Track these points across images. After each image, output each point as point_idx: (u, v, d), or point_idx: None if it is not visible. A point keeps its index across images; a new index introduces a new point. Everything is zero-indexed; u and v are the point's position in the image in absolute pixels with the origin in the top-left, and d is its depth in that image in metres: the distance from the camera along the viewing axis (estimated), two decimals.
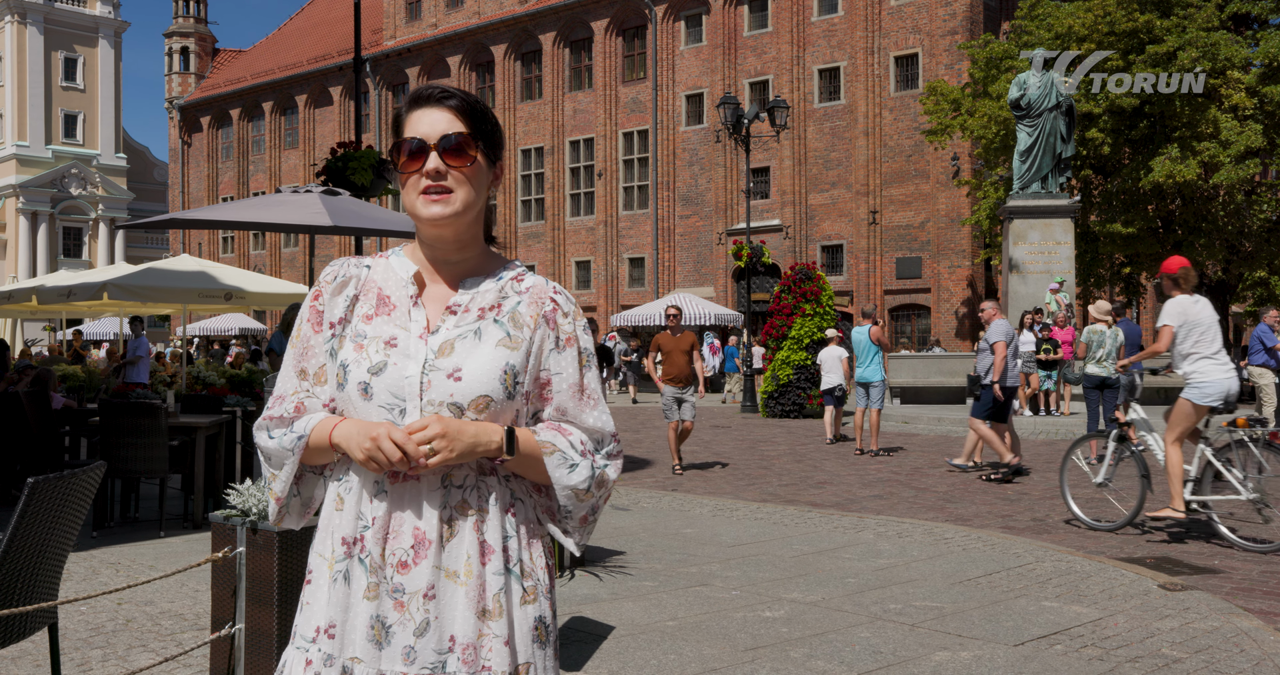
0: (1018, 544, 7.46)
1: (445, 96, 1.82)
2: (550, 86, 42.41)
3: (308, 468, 1.86)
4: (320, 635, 1.76)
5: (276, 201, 8.28)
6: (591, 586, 6.14)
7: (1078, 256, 23.22)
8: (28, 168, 59.29)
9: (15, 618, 3.41)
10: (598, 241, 41.00)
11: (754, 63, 37.52)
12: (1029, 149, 20.30)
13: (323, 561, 1.79)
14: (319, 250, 45.56)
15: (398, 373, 1.75)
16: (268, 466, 1.86)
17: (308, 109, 51.46)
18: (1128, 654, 4.83)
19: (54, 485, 3.43)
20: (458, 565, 1.72)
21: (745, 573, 6.58)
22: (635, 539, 7.70)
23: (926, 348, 31.55)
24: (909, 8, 34.08)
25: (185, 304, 15.44)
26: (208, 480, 8.37)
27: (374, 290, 1.85)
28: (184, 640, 4.97)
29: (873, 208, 34.52)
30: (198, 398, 9.69)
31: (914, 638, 5.10)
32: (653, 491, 10.35)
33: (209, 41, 59.15)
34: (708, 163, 38.35)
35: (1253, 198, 26.19)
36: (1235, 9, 26.83)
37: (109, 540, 7.60)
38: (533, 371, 1.82)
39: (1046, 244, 20.17)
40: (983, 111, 27.05)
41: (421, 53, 46.38)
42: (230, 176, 55.43)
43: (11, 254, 59.30)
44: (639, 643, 4.99)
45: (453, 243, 1.84)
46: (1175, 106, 24.86)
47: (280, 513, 1.88)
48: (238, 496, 4.23)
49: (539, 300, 1.85)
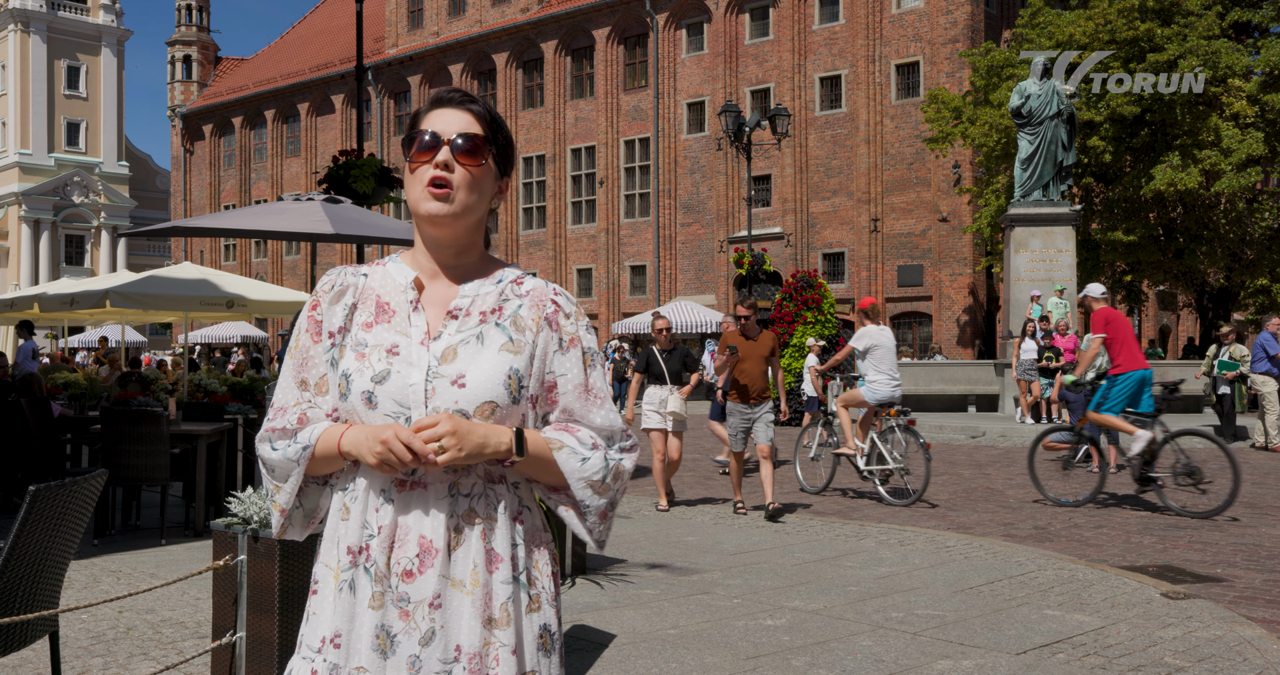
0: (1019, 552, 7.45)
1: (468, 100, 1.83)
2: (552, 94, 42.48)
3: (311, 479, 1.85)
4: (326, 645, 1.75)
5: (278, 209, 8.29)
6: (593, 594, 6.13)
7: (1079, 264, 23.22)
8: (30, 176, 59.40)
9: (16, 626, 3.41)
10: (599, 249, 41.03)
11: (755, 71, 37.59)
12: (1030, 157, 20.31)
13: (328, 571, 1.78)
14: (321, 258, 45.60)
15: (401, 381, 1.74)
16: (270, 478, 1.84)
17: (310, 117, 51.55)
18: (1130, 663, 4.82)
19: (55, 493, 3.43)
20: (464, 574, 1.72)
21: (747, 581, 6.57)
22: (637, 547, 7.69)
23: (928, 355, 31.53)
24: (910, 16, 34.15)
25: (187, 312, 15.42)
26: (209, 488, 8.36)
27: (372, 298, 1.84)
28: (185, 648, 4.96)
29: (874, 215, 34.55)
30: (199, 405, 9.69)
31: (916, 646, 5.08)
32: (654, 499, 10.34)
33: (211, 50, 59.28)
34: (709, 170, 38.39)
35: (1254, 206, 26.21)
36: (1236, 17, 26.87)
37: (110, 548, 7.59)
38: (538, 375, 1.81)
39: (1048, 252, 20.17)
40: (984, 119, 27.08)
41: (423, 61, 46.48)
42: (232, 184, 55.51)
43: (14, 262, 59.36)
44: (640, 651, 4.98)
45: (451, 247, 1.83)
46: (1176, 114, 24.88)
47: (284, 525, 1.87)
48: (239, 504, 4.22)
49: (540, 303, 1.84)
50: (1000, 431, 16.85)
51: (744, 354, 9.26)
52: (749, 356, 9.26)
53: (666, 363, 9.84)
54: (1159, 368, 20.39)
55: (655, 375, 9.84)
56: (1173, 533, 8.48)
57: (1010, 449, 15.84)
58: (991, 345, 32.11)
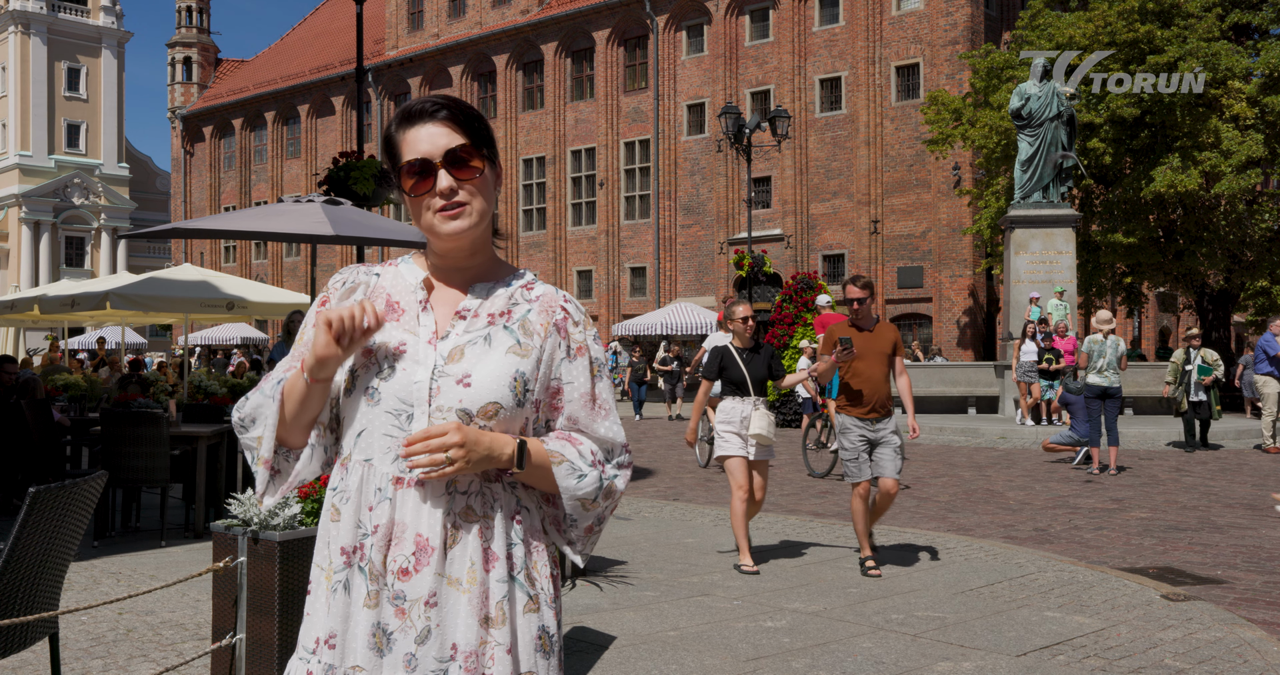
0: (1020, 554, 7.45)
1: (436, 109, 1.79)
2: (552, 96, 42.49)
3: (282, 447, 1.81)
4: (320, 646, 1.75)
5: (278, 211, 8.30)
6: (593, 596, 6.13)
7: (1079, 266, 23.22)
8: (30, 177, 59.44)
9: (16, 627, 3.41)
10: (599, 251, 41.03)
11: (755, 72, 37.60)
12: (1030, 159, 20.32)
13: (321, 572, 1.79)
14: (321, 260, 45.61)
15: (406, 378, 1.75)
16: (248, 435, 1.81)
17: (310, 119, 51.56)
18: (1130, 665, 4.82)
19: (55, 495, 3.43)
20: (460, 572, 1.72)
21: (747, 582, 6.57)
22: (637, 548, 7.68)
23: (928, 357, 31.53)
24: (910, 18, 34.17)
25: (187, 313, 15.45)
26: (209, 490, 8.36)
27: (383, 296, 1.85)
28: (185, 650, 4.96)
29: (874, 217, 34.55)
30: (199, 407, 9.69)
31: (916, 648, 5.08)
32: (654, 501, 10.34)
33: (212, 52, 59.28)
34: (709, 172, 38.40)
35: (1254, 207, 26.21)
36: (1236, 19, 26.88)
37: (110, 550, 7.59)
38: (543, 380, 1.82)
39: (1048, 254, 20.17)
40: (984, 121, 27.08)
41: (423, 63, 46.49)
42: (232, 186, 55.52)
43: (14, 263, 59.40)
44: (640, 653, 4.98)
45: (466, 250, 1.83)
46: (1176, 116, 24.88)
47: (268, 481, 1.83)
48: (239, 506, 4.23)
49: (549, 309, 1.84)
50: (1000, 433, 16.85)
51: (860, 350, 6.92)
52: (866, 353, 6.93)
53: (748, 366, 7.12)
54: (1140, 371, 20.39)
55: (733, 383, 7.11)
56: (1173, 535, 8.48)
57: (1010, 451, 15.84)
58: (992, 347, 32.11)
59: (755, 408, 7.05)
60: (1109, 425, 12.44)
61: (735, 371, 7.13)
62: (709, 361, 7.30)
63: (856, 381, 6.94)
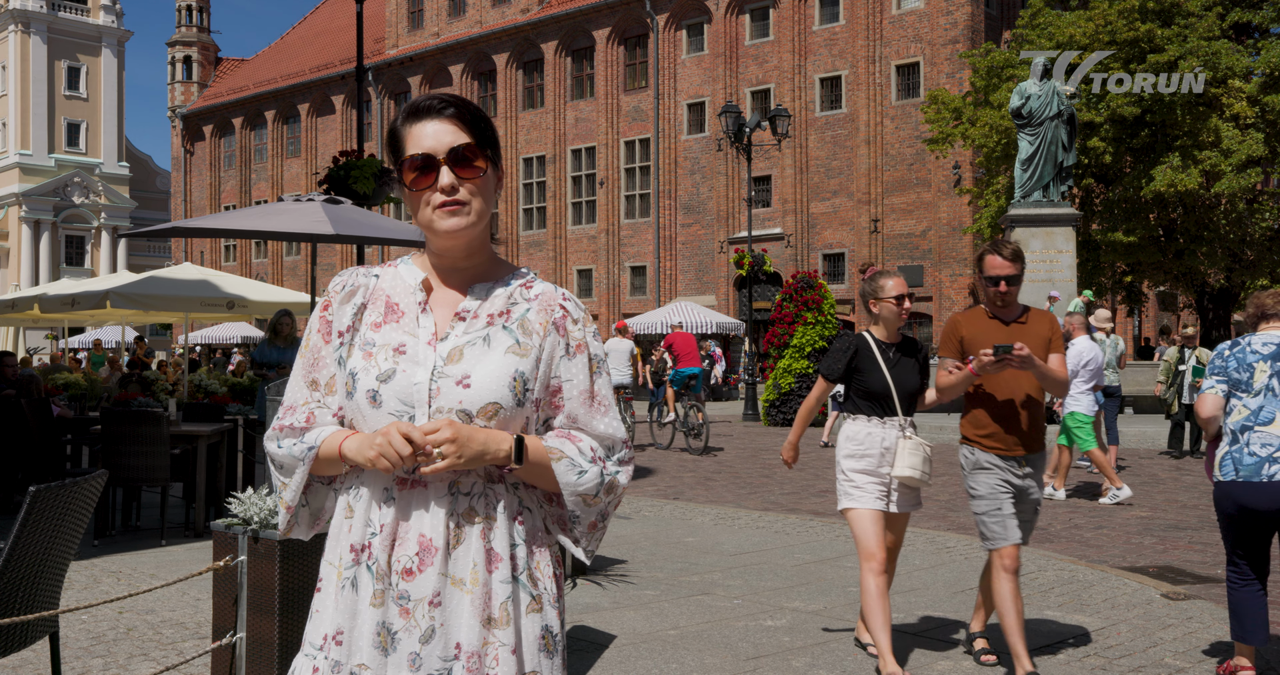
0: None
1: (443, 106, 1.80)
2: (552, 95, 42.49)
3: (316, 478, 1.86)
4: (328, 642, 1.76)
5: (279, 210, 8.29)
6: (593, 595, 6.13)
7: (1079, 265, 23.21)
8: (30, 176, 59.43)
9: (16, 626, 3.41)
10: (599, 250, 41.04)
11: (755, 71, 37.60)
12: (1030, 158, 20.31)
13: (332, 569, 1.80)
14: (321, 259, 45.61)
15: (406, 379, 1.75)
16: (278, 475, 1.86)
17: (310, 118, 51.57)
18: (1130, 663, 4.82)
19: (56, 494, 3.43)
20: (464, 572, 1.72)
21: (747, 581, 6.57)
22: (637, 547, 7.69)
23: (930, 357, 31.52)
24: (910, 17, 34.17)
25: (187, 312, 15.46)
26: (209, 489, 8.36)
27: (382, 298, 1.85)
28: (185, 649, 4.96)
29: (874, 216, 34.56)
30: (200, 406, 9.70)
31: (916, 647, 5.09)
32: (654, 500, 10.34)
33: (212, 50, 59.29)
34: (709, 171, 38.40)
35: (1254, 206, 26.20)
36: (1236, 18, 26.86)
37: (110, 549, 7.60)
38: (543, 379, 1.82)
39: (1048, 253, 20.16)
40: (984, 120, 27.06)
41: (423, 62, 46.50)
42: (232, 185, 55.53)
43: (14, 262, 59.41)
44: (640, 652, 4.99)
45: (463, 249, 1.84)
46: (1176, 115, 24.87)
47: (290, 522, 1.89)
48: (239, 505, 4.22)
49: (548, 307, 1.85)
50: None
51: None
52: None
53: (894, 370, 4.68)
54: (1140, 370, 20.36)
55: (870, 395, 4.67)
56: (1173, 534, 8.48)
57: None
58: None
59: (904, 435, 4.63)
60: (1108, 424, 12.43)
61: (875, 378, 4.66)
62: (833, 354, 4.78)
63: (994, 400, 4.56)
